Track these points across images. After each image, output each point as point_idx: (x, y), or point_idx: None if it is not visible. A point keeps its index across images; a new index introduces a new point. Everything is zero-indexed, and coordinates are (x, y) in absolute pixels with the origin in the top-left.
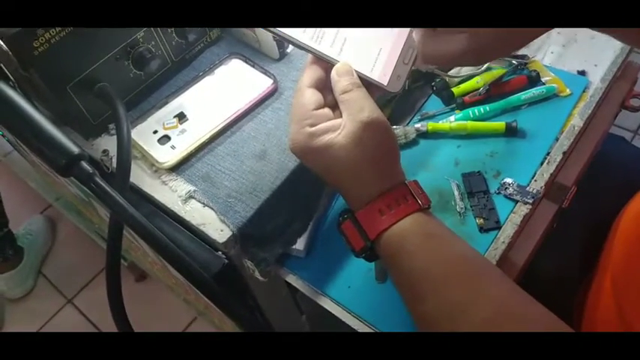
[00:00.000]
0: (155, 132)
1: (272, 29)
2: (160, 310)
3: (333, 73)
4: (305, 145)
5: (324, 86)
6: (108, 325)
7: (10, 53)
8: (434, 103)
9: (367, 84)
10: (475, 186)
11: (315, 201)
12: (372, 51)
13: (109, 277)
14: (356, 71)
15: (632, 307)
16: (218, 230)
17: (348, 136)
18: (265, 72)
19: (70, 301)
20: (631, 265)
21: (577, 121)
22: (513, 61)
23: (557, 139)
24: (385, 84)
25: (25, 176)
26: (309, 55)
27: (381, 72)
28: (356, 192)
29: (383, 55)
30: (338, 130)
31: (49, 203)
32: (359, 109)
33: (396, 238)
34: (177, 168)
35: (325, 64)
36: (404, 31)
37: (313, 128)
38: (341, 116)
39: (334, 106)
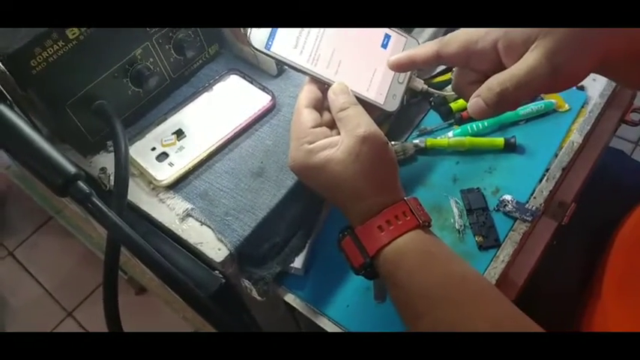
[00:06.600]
0: (153, 149)
1: (269, 52)
2: (160, 323)
3: (330, 92)
4: (304, 161)
5: (321, 106)
6: None
7: (8, 73)
8: (432, 119)
9: (364, 104)
10: (474, 203)
11: (313, 219)
12: (366, 72)
13: (107, 296)
14: (352, 92)
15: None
16: (215, 249)
17: (345, 151)
18: (263, 88)
19: (70, 314)
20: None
21: (576, 137)
22: None
23: (556, 155)
24: (382, 103)
25: (27, 188)
26: (307, 77)
27: (377, 92)
28: (355, 207)
29: (378, 75)
30: (336, 146)
31: (50, 216)
32: (356, 125)
33: (394, 255)
34: (174, 186)
35: (322, 85)
36: (397, 52)
37: (311, 145)
38: (339, 135)
39: (332, 126)
